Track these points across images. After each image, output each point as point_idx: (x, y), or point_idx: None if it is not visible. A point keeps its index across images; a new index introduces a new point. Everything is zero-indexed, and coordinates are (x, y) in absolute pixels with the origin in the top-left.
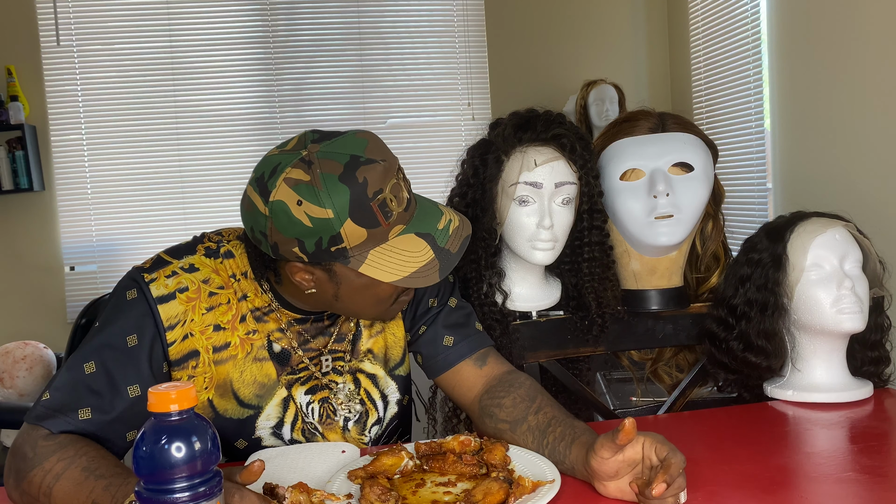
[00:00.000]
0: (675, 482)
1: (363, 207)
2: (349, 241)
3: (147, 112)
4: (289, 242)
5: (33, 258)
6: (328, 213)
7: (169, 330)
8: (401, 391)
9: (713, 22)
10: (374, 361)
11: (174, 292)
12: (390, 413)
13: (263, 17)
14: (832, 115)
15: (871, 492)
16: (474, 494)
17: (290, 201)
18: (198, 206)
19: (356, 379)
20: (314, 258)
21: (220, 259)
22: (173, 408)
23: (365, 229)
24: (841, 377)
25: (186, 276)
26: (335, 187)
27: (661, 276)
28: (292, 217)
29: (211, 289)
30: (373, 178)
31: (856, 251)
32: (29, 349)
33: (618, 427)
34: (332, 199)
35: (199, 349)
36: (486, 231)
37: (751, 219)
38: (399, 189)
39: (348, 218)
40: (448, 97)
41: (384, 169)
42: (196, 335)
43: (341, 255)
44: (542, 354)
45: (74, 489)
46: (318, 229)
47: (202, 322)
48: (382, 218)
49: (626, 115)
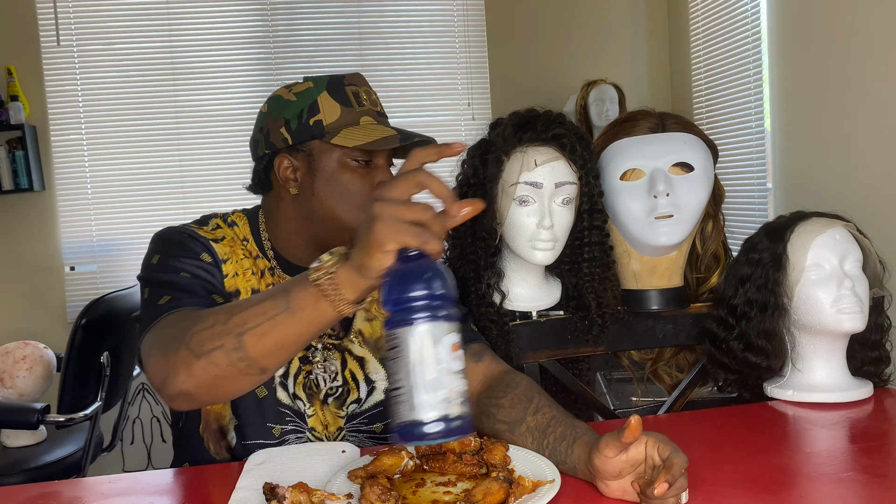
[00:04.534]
0: (677, 482)
1: (338, 87)
2: (325, 113)
3: (147, 112)
4: (277, 124)
5: (33, 258)
6: (309, 85)
7: (224, 263)
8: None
9: (713, 22)
10: (363, 344)
11: (218, 238)
12: (375, 399)
13: (263, 17)
14: (832, 115)
15: (871, 492)
16: (474, 494)
17: (282, 92)
18: (198, 206)
19: (343, 359)
20: (297, 136)
21: (230, 227)
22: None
23: (338, 104)
24: (841, 377)
25: (221, 230)
26: (319, 76)
27: (661, 276)
28: (282, 100)
29: (239, 242)
30: (349, 77)
31: (856, 251)
32: (29, 349)
33: (624, 425)
34: (313, 79)
35: (241, 290)
36: (486, 231)
37: (751, 219)
38: (371, 94)
39: (325, 90)
40: (448, 97)
41: (360, 79)
42: (240, 275)
43: (318, 129)
44: (542, 354)
45: (246, 304)
46: (301, 102)
47: (242, 266)
48: (354, 101)
49: (626, 115)
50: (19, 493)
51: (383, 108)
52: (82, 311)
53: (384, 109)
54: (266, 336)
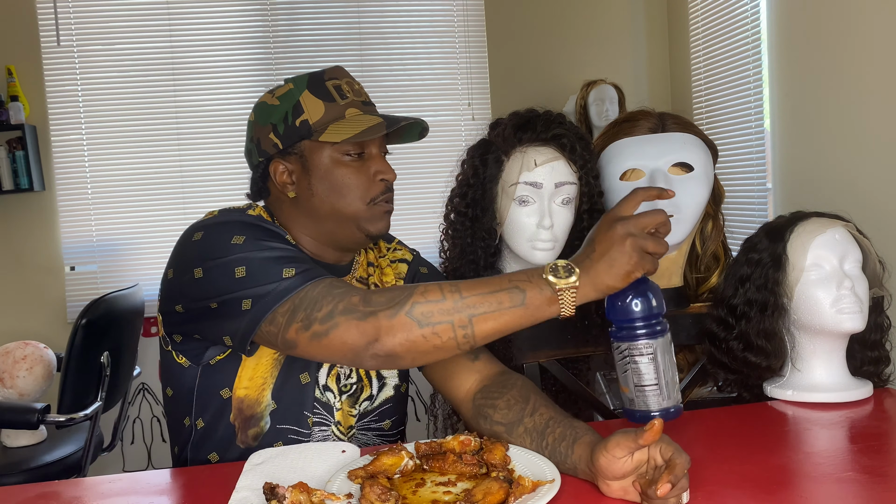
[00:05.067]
0: (679, 483)
1: (318, 83)
2: (309, 112)
3: (147, 112)
4: (265, 130)
5: (33, 258)
6: (289, 87)
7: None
8: (399, 378)
9: (713, 22)
10: None
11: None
12: (385, 395)
13: (263, 17)
14: (832, 115)
15: (871, 492)
16: (474, 494)
17: (266, 98)
18: (198, 206)
19: None
20: (286, 139)
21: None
22: None
23: (322, 101)
24: (841, 377)
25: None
26: (299, 76)
27: (660, 276)
28: (266, 106)
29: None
30: (329, 72)
31: (856, 251)
32: (29, 349)
33: (644, 427)
34: (294, 80)
35: None
36: (486, 231)
37: (751, 219)
38: (353, 84)
39: (306, 89)
40: (448, 97)
41: (340, 71)
42: None
43: (305, 129)
44: (542, 354)
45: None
46: (284, 105)
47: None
48: (337, 95)
49: (626, 115)
50: (19, 493)
51: (368, 96)
52: (82, 311)
53: (370, 98)
54: (496, 321)
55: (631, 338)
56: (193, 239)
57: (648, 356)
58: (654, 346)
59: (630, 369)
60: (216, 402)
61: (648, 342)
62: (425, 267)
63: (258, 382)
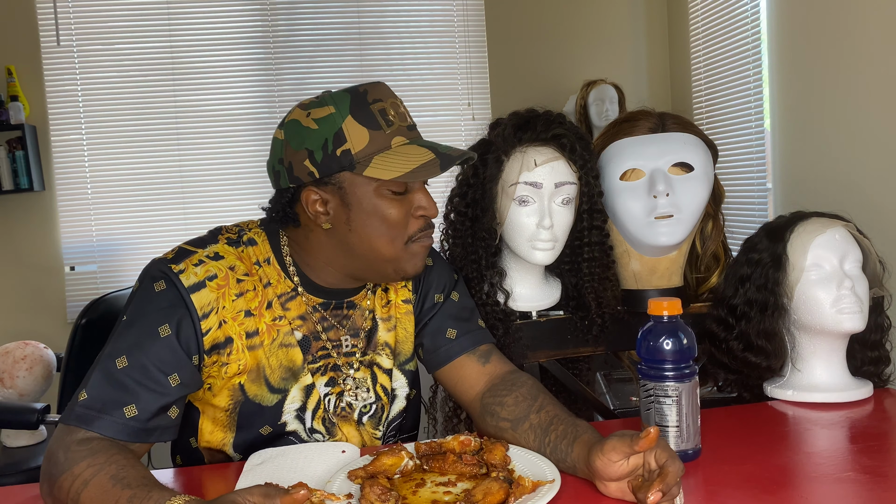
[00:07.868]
0: (670, 491)
1: (362, 107)
2: (353, 141)
3: (147, 112)
4: (300, 156)
5: (33, 258)
6: (330, 110)
7: (204, 318)
8: (409, 385)
9: (713, 22)
10: (389, 355)
11: (204, 280)
12: (398, 407)
13: (263, 17)
14: (832, 115)
15: (871, 492)
16: (474, 494)
17: (300, 116)
18: (198, 206)
19: (373, 373)
20: (324, 169)
21: (242, 247)
22: (665, 313)
23: (366, 129)
24: (841, 377)
25: (213, 264)
26: (338, 94)
27: (661, 276)
28: (301, 127)
29: (238, 276)
30: (372, 91)
31: (856, 251)
32: (29, 349)
33: (639, 432)
34: (334, 100)
35: (232, 336)
36: (486, 231)
37: (751, 219)
38: (398, 107)
39: (349, 115)
40: (448, 97)
41: (384, 91)
42: (229, 321)
43: (347, 160)
44: (543, 354)
45: (101, 497)
46: (324, 130)
47: (233, 308)
48: (382, 121)
49: (626, 115)
50: (19, 493)
51: (412, 118)
52: (82, 311)
53: (413, 121)
54: None
55: (658, 378)
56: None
57: (673, 399)
58: (680, 390)
59: (654, 408)
60: (190, 446)
61: (675, 385)
62: (430, 258)
63: (218, 437)
